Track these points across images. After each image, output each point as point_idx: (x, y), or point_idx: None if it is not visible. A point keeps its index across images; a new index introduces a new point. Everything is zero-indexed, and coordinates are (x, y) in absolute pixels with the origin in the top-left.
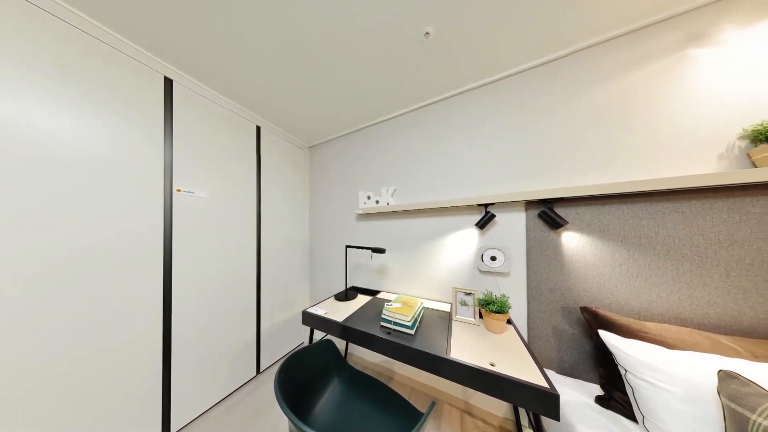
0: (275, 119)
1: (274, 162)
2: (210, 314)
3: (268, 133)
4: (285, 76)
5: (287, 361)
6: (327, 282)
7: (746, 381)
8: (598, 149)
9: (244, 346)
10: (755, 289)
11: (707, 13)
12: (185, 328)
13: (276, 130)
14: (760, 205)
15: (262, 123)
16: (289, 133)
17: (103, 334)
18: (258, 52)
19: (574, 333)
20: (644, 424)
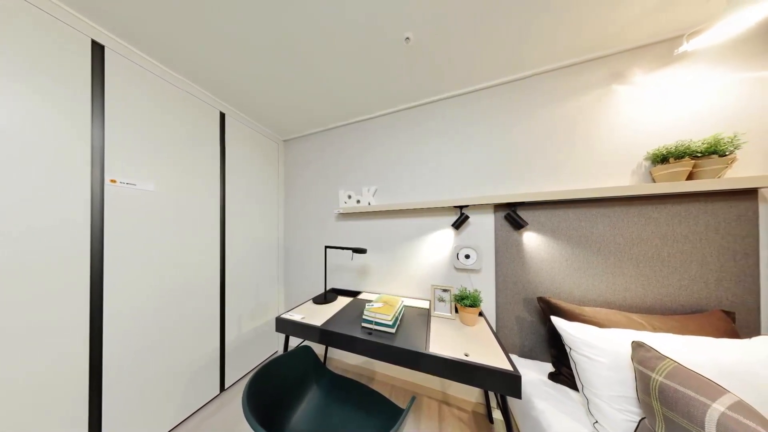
0: (243, 107)
1: (242, 154)
2: (160, 328)
3: (235, 122)
4: (255, 62)
5: (258, 373)
6: (304, 285)
7: (649, 348)
8: (551, 161)
9: (206, 362)
10: (654, 276)
11: (624, 58)
12: (122, 346)
13: (244, 119)
14: (657, 212)
15: (228, 110)
16: (261, 123)
17: (9, 359)
18: (222, 31)
19: (532, 320)
20: (583, 392)
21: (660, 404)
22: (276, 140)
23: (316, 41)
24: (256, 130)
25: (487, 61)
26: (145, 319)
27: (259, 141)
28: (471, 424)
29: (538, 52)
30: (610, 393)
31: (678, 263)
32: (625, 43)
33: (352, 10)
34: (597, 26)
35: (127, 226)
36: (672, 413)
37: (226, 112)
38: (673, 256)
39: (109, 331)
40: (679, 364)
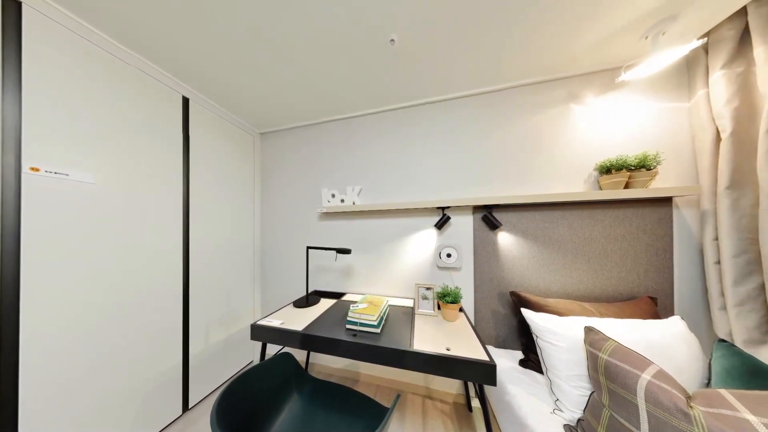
0: (212, 93)
1: (210, 145)
2: (103, 345)
3: (203, 109)
4: (226, 47)
5: (230, 386)
6: (284, 288)
7: (597, 331)
8: (522, 168)
9: (165, 380)
10: (601, 270)
11: (579, 81)
12: (45, 373)
13: (213, 107)
14: (603, 215)
15: (193, 95)
16: (234, 113)
17: None
18: (186, 9)
19: (505, 313)
20: (547, 375)
21: (605, 378)
22: (251, 132)
23: (296, 32)
24: (228, 120)
25: (468, 71)
26: (80, 338)
27: (232, 132)
28: (452, 415)
29: (511, 68)
30: (568, 373)
31: (618, 258)
32: (579, 68)
33: (336, 2)
34: (557, 51)
35: (55, 226)
36: (614, 385)
37: (190, 97)
38: (615, 253)
39: (28, 356)
40: (619, 344)
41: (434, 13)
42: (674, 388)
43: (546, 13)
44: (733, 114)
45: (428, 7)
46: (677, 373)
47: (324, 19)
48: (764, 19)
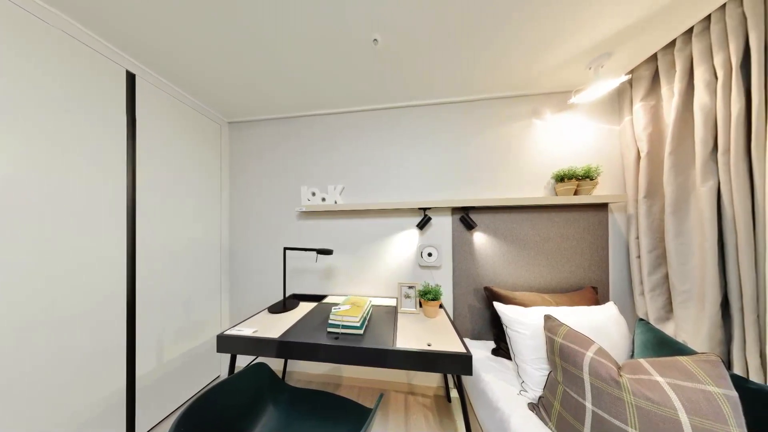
0: (166, 71)
1: (163, 131)
2: (14, 371)
3: (154, 89)
4: (186, 17)
5: (189, 408)
6: (257, 293)
7: (554, 318)
8: (494, 173)
9: (101, 410)
10: (557, 265)
11: (540, 99)
12: None
13: (168, 87)
14: (558, 217)
15: (141, 71)
16: (194, 96)
17: None
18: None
19: (480, 307)
20: (515, 360)
21: (559, 359)
22: (217, 120)
23: (274, 18)
24: (189, 105)
25: (447, 79)
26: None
27: (192, 118)
28: (433, 408)
29: (485, 81)
30: (532, 357)
31: (570, 255)
32: (541, 88)
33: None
34: (522, 71)
35: None
36: (566, 364)
37: (137, 72)
38: (567, 250)
39: None
40: (570, 328)
41: (416, 19)
42: (609, 362)
43: (515, 35)
44: (648, 138)
45: (411, 11)
46: (611, 348)
47: (304, 9)
48: (668, 65)
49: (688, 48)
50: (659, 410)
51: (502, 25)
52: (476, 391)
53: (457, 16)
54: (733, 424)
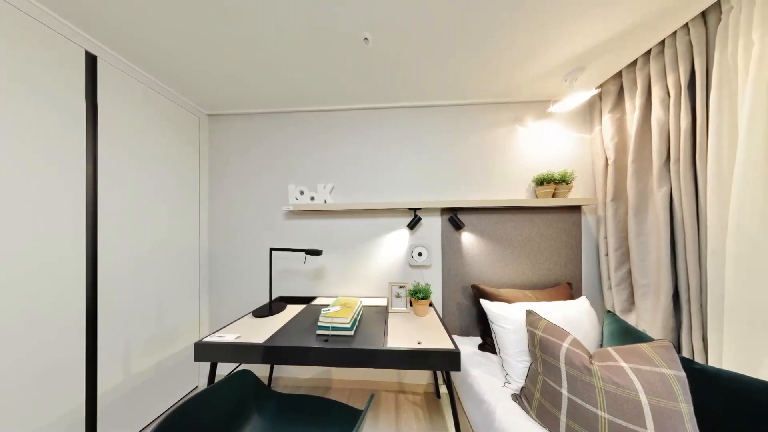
0: (133, 55)
1: (130, 121)
2: None
3: (120, 74)
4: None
5: (164, 422)
6: (241, 297)
7: (534, 313)
8: (481, 176)
9: (57, 431)
10: (537, 263)
11: (522, 107)
12: None
13: (136, 73)
14: (538, 218)
15: (104, 52)
16: (167, 84)
17: None
18: None
19: (468, 304)
20: (500, 354)
21: (539, 351)
22: (195, 112)
23: (259, 8)
24: (161, 93)
25: (437, 83)
26: None
27: (166, 108)
28: (423, 405)
29: (472, 87)
30: (515, 350)
31: (548, 254)
32: (523, 96)
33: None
34: (506, 79)
35: None
36: (545, 355)
37: (99, 54)
38: (546, 249)
39: None
40: (549, 322)
41: (407, 21)
42: (582, 352)
43: (498, 46)
44: (615, 147)
45: (401, 12)
46: (584, 339)
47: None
48: (631, 82)
49: (646, 68)
50: (624, 393)
51: (486, 36)
52: (464, 385)
53: (446, 23)
54: (682, 400)
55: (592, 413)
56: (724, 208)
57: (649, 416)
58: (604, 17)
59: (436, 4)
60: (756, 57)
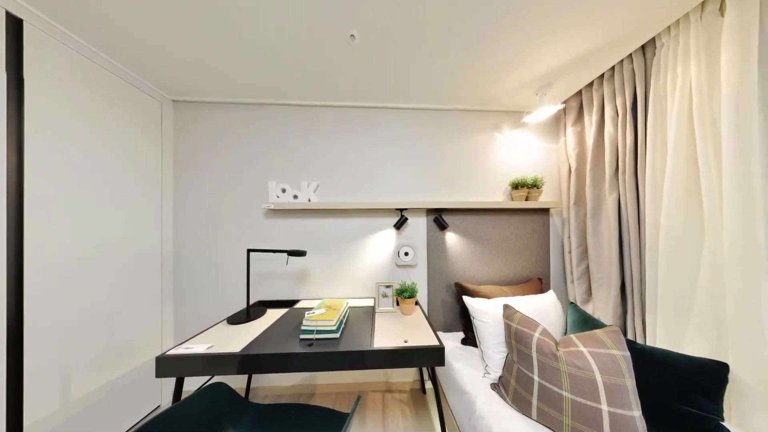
0: (70, 20)
1: (68, 99)
2: None
3: (54, 42)
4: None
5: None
6: (212, 303)
7: (510, 307)
8: (463, 179)
9: None
10: (513, 260)
11: (500, 116)
12: None
13: (76, 43)
14: (514, 219)
15: (30, 14)
16: (117, 60)
17: None
18: None
19: (451, 301)
20: (480, 347)
21: (515, 341)
22: (158, 97)
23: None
24: (111, 71)
25: (424, 86)
26: None
27: (119, 89)
28: (409, 402)
29: (457, 93)
30: (493, 342)
31: (522, 252)
32: (501, 106)
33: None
34: (487, 89)
35: None
36: (519, 345)
37: (23, 16)
38: (520, 248)
39: None
40: (523, 314)
41: (393, 21)
42: (550, 340)
43: (478, 58)
44: (576, 156)
45: (387, 12)
46: (551, 328)
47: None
48: (589, 100)
49: (601, 89)
50: (583, 374)
51: (467, 45)
52: (448, 379)
53: (431, 28)
54: (627, 376)
55: (558, 394)
56: (657, 212)
57: (602, 392)
58: (566, 42)
59: (421, 9)
60: (679, 88)
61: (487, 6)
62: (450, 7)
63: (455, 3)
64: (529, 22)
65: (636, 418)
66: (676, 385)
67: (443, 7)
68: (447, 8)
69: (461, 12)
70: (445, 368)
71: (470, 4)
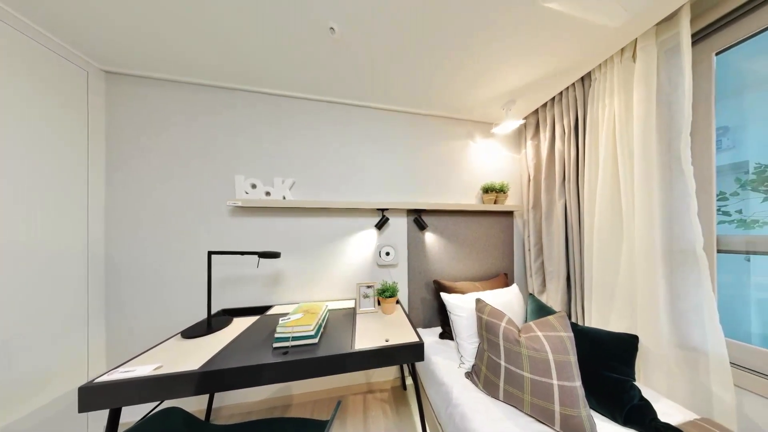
0: None
1: None
2: None
3: None
4: None
5: None
6: (162, 315)
7: (482, 300)
8: (442, 181)
9: None
10: (484, 258)
11: (473, 125)
12: None
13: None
14: (485, 221)
15: None
16: (19, 12)
17: None
18: None
19: (430, 298)
20: (456, 340)
21: (485, 332)
22: (82, 65)
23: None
24: (12, 24)
25: (404, 89)
26: None
27: (25, 49)
28: (390, 400)
29: (436, 99)
30: (467, 334)
31: (491, 250)
32: (474, 116)
33: None
34: (462, 99)
35: None
36: (488, 334)
37: None
38: (490, 246)
39: None
40: (492, 307)
41: (373, 18)
42: (514, 328)
43: (453, 71)
44: (534, 166)
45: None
46: (514, 317)
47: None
48: (543, 118)
49: (552, 110)
50: (539, 355)
51: (445, 57)
52: (427, 373)
53: (411, 33)
54: (571, 353)
55: (520, 375)
56: (592, 217)
57: (553, 369)
58: (525, 67)
59: (401, 14)
60: (606, 116)
61: (461, 20)
62: (429, 14)
63: (433, 11)
64: (496, 45)
65: (577, 387)
66: (603, 356)
67: (422, 14)
68: (426, 15)
69: (438, 22)
70: (424, 363)
71: (446, 18)
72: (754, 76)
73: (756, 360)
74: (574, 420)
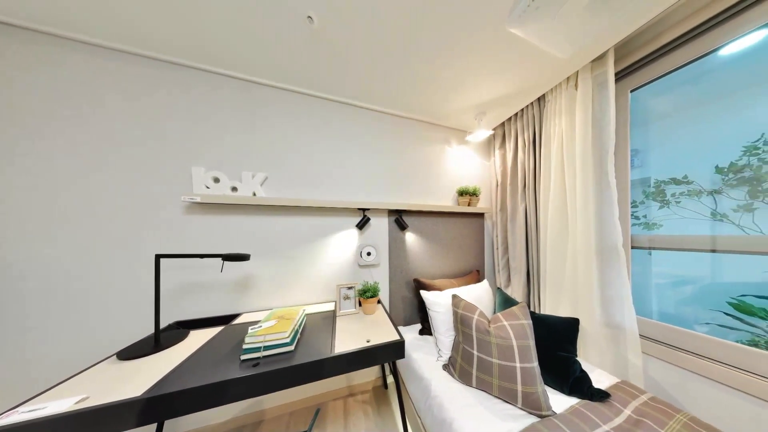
0: None
1: None
2: None
3: None
4: None
5: None
6: (84, 334)
7: (457, 296)
8: (422, 183)
9: None
10: (460, 256)
11: (449, 132)
12: None
13: None
14: (460, 222)
15: None
16: None
17: None
18: None
19: (411, 297)
20: (434, 335)
21: (460, 324)
22: None
23: None
24: None
25: (386, 90)
26: None
27: None
28: (372, 401)
29: (416, 103)
30: (444, 328)
31: (466, 248)
32: (450, 123)
33: None
34: (440, 106)
35: None
36: (463, 327)
37: None
38: (464, 245)
39: None
40: (467, 301)
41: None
42: (484, 319)
43: (431, 79)
44: (501, 173)
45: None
46: (485, 309)
47: None
48: (508, 131)
49: (516, 124)
50: (504, 342)
51: (424, 63)
52: (408, 369)
53: (392, 34)
54: (530, 338)
55: (490, 362)
56: (546, 218)
57: (516, 354)
58: (492, 83)
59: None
60: (557, 133)
61: (431, 35)
62: (405, 25)
63: (411, 23)
64: (462, 62)
65: (535, 367)
66: (555, 338)
67: (401, 21)
68: (403, 24)
69: (412, 33)
70: (405, 360)
71: (418, 31)
72: (655, 111)
73: (655, 331)
74: (532, 396)
